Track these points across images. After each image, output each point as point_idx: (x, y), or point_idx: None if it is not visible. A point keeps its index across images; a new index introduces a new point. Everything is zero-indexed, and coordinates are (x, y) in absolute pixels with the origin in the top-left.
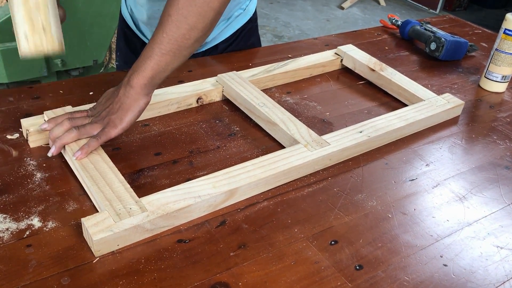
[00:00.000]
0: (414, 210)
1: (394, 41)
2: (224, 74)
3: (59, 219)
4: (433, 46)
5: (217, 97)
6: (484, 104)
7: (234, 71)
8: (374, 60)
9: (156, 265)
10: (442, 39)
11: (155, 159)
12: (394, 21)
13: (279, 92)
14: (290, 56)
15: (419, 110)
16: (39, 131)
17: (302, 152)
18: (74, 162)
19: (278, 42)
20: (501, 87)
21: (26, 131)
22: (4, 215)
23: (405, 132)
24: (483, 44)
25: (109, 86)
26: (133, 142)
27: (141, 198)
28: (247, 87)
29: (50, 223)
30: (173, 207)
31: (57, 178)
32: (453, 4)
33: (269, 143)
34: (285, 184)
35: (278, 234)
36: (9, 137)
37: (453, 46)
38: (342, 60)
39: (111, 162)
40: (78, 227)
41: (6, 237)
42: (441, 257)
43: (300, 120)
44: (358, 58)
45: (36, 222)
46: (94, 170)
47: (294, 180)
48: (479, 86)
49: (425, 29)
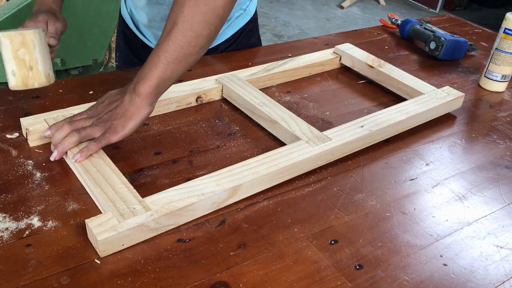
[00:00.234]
0: (414, 209)
1: (394, 40)
2: (223, 76)
3: (59, 219)
4: (432, 45)
5: (216, 96)
6: (484, 103)
7: (233, 72)
8: (372, 57)
9: (155, 264)
10: (442, 39)
11: (155, 159)
12: (394, 20)
13: (279, 91)
14: (289, 55)
15: (420, 103)
16: (39, 130)
17: (304, 148)
18: (76, 166)
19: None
20: (501, 87)
21: (26, 130)
22: (3, 215)
23: (406, 125)
24: (483, 43)
25: (108, 85)
26: (132, 141)
27: (144, 198)
28: (246, 88)
29: (50, 223)
30: (176, 206)
31: (56, 178)
32: (453, 3)
33: (269, 143)
34: (285, 183)
35: (278, 234)
36: (8, 136)
37: (452, 45)
38: (340, 58)
39: (113, 164)
40: (78, 227)
41: (5, 236)
42: (441, 256)
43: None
44: (356, 56)
45: (35, 222)
46: (96, 173)
47: (294, 179)
48: (479, 85)
49: (425, 28)
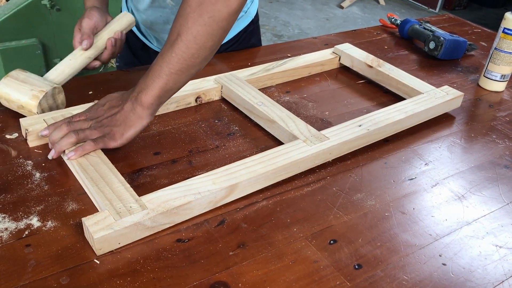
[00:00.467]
0: (413, 209)
1: (394, 40)
2: (222, 75)
3: (58, 219)
4: (432, 45)
5: (216, 96)
6: (483, 103)
7: (232, 72)
8: (372, 57)
9: (155, 264)
10: (441, 38)
11: (154, 159)
12: (393, 20)
13: (278, 91)
14: (289, 55)
15: (419, 102)
16: (38, 131)
17: (302, 147)
18: (74, 164)
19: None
20: (500, 86)
21: (25, 131)
22: (3, 215)
23: (404, 125)
24: (483, 43)
25: (108, 86)
26: (132, 141)
27: (141, 197)
28: (246, 88)
29: (49, 223)
30: (173, 204)
31: (56, 178)
32: (452, 3)
33: (268, 142)
34: (284, 183)
35: (277, 234)
36: (8, 136)
37: (452, 45)
38: (340, 58)
39: (111, 163)
40: (77, 227)
41: (5, 236)
42: (440, 256)
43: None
44: (355, 55)
45: (35, 222)
46: (94, 171)
47: (293, 179)
48: (478, 85)
49: (424, 28)
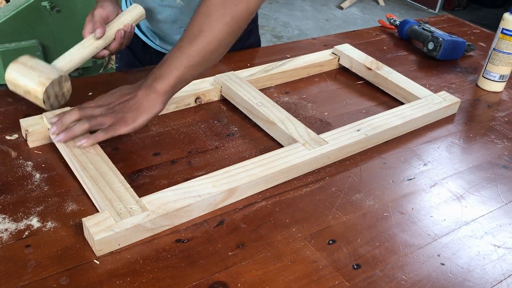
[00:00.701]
0: (412, 209)
1: (393, 41)
2: (222, 74)
3: (58, 219)
4: (431, 45)
5: (215, 96)
6: (482, 103)
7: (232, 71)
8: (371, 59)
9: (154, 265)
10: (440, 39)
11: (154, 159)
12: (392, 21)
13: (278, 92)
14: (288, 56)
15: (416, 108)
16: (38, 131)
17: (301, 150)
18: (74, 162)
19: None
20: (499, 87)
21: (25, 132)
22: (3, 216)
23: (402, 130)
24: (481, 43)
25: (108, 87)
26: (131, 142)
27: (141, 198)
28: (245, 87)
29: (49, 224)
30: (173, 206)
31: (56, 179)
32: (452, 3)
33: (267, 143)
34: (283, 183)
35: (276, 234)
36: (8, 137)
37: (450, 45)
38: (339, 59)
39: (111, 162)
40: (77, 227)
41: (5, 237)
42: (438, 256)
43: (298, 120)
44: (354, 57)
45: (35, 223)
46: (94, 170)
47: (292, 179)
48: (477, 85)
49: (423, 29)
